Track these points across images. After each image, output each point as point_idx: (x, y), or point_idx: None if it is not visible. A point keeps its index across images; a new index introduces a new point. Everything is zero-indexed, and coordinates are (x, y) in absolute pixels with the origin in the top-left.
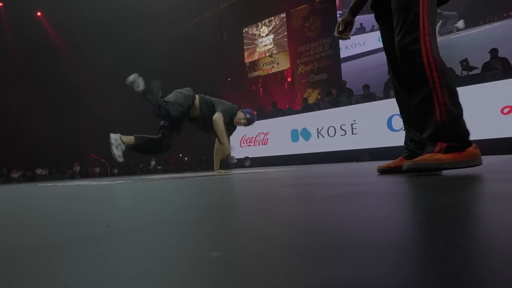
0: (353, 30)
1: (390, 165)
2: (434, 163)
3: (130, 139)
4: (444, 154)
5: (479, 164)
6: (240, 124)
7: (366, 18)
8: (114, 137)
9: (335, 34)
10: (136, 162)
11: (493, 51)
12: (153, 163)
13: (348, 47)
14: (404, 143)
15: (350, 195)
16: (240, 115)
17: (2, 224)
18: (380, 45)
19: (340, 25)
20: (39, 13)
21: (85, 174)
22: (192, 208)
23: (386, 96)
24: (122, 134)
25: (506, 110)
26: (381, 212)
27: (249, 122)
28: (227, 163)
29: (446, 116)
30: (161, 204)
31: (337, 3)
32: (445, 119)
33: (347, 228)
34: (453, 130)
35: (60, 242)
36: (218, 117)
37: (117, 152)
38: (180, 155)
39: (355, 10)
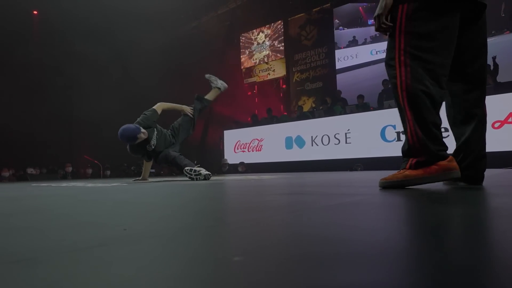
0: (346, 42)
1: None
2: (402, 180)
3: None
4: (413, 170)
5: (454, 177)
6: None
7: (359, 31)
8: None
9: (378, 30)
10: (129, 165)
11: None
12: None
13: (340, 59)
14: None
15: (350, 205)
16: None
17: (16, 225)
18: (373, 58)
19: (383, 16)
20: (35, 12)
21: (77, 175)
22: (199, 214)
23: (380, 106)
24: (113, 135)
25: (496, 125)
26: (382, 223)
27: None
28: (220, 168)
29: (415, 135)
30: (167, 208)
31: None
32: (414, 137)
33: (353, 237)
34: (421, 146)
35: (84, 244)
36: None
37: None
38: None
39: None
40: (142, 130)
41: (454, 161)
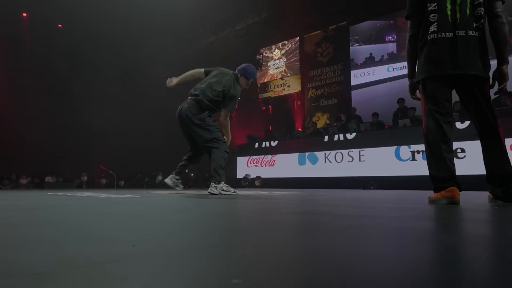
0: (362, 59)
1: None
2: (429, 199)
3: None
4: (434, 193)
5: (452, 203)
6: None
7: (376, 48)
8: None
9: (414, 98)
10: (142, 176)
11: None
12: (159, 178)
13: (357, 75)
14: None
15: (357, 228)
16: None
17: (31, 237)
18: (389, 75)
19: (414, 92)
20: (60, 25)
21: (92, 184)
22: (206, 231)
23: (395, 125)
24: (129, 146)
25: None
26: (385, 249)
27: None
28: (241, 183)
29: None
30: (176, 224)
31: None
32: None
33: (355, 263)
34: (431, 178)
35: (96, 259)
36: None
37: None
38: (186, 170)
39: (413, 73)
40: None
41: (451, 192)
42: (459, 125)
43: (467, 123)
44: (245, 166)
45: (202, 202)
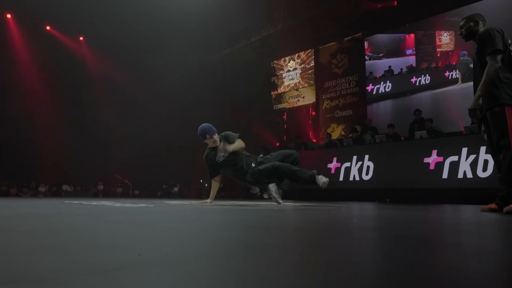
0: (381, 72)
1: (491, 206)
2: (506, 210)
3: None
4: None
5: None
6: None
7: (395, 61)
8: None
9: (474, 117)
10: (158, 185)
11: None
12: (176, 189)
13: (374, 88)
14: None
15: (363, 242)
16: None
17: (43, 244)
18: (406, 88)
19: (478, 111)
20: (81, 38)
21: (108, 193)
22: (215, 243)
23: (411, 137)
24: (144, 156)
25: None
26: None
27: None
28: (250, 191)
29: None
30: (185, 234)
31: (365, 45)
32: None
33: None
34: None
35: (101, 267)
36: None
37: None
38: (201, 180)
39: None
40: (216, 135)
41: None
42: None
43: None
44: None
45: (214, 213)
